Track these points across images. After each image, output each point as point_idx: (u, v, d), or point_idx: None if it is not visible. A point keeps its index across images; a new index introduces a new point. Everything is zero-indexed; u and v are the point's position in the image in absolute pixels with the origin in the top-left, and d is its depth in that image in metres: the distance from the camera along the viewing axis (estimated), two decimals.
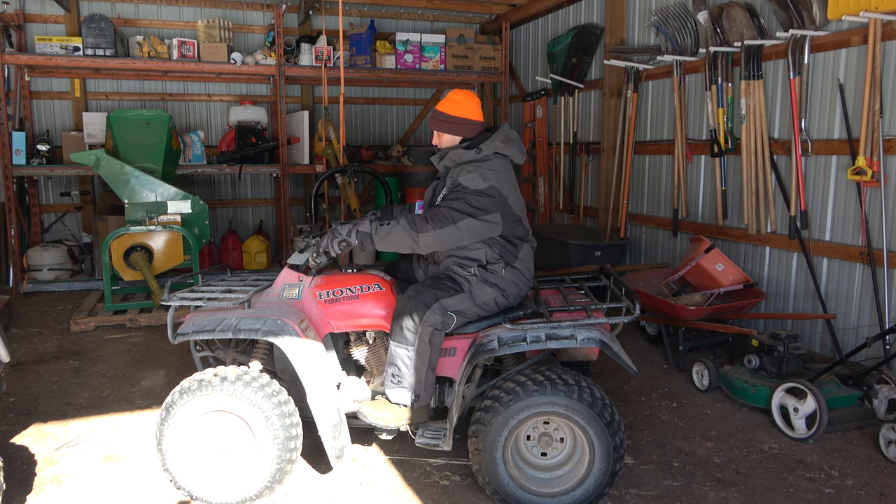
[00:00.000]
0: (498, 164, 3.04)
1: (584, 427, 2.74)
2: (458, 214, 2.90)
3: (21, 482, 3.11)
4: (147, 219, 5.85)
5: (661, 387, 4.34)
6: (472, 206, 2.91)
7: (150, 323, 5.68)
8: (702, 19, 5.14)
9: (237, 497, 2.88)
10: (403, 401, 2.99)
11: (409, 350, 2.92)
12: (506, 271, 3.04)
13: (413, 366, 2.93)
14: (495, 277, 3.02)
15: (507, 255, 3.05)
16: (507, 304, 3.07)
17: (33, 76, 7.54)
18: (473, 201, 2.92)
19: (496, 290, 3.02)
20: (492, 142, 3.05)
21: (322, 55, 7.45)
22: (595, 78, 6.89)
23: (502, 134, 3.10)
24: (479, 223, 2.93)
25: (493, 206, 2.95)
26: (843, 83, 4.26)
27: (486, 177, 2.95)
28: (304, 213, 8.59)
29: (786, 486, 3.12)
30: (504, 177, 3.02)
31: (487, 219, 2.94)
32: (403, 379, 2.96)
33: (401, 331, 2.92)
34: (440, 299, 2.93)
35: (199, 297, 3.08)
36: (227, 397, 2.81)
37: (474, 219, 2.91)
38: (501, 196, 2.98)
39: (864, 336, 3.97)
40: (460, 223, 2.90)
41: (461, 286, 3.00)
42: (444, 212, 2.92)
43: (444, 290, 2.97)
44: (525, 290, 3.13)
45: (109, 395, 4.18)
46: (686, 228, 5.65)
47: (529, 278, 3.15)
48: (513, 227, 3.05)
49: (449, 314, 2.91)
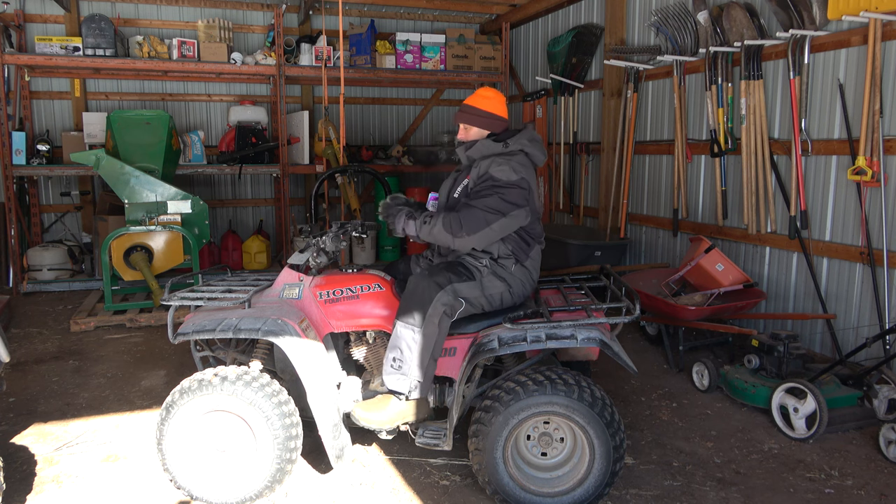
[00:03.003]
0: (524, 159, 3.09)
1: (585, 427, 2.74)
2: (492, 216, 2.92)
3: (21, 482, 3.11)
4: (147, 219, 5.85)
5: (661, 387, 4.34)
6: (504, 202, 2.93)
7: (150, 323, 5.68)
8: (702, 19, 5.14)
9: (237, 497, 2.88)
10: (401, 388, 2.93)
11: (416, 332, 2.87)
12: (515, 268, 3.07)
13: (418, 349, 2.88)
14: (504, 272, 3.05)
15: (518, 253, 3.08)
16: (512, 301, 3.08)
17: (33, 76, 7.54)
18: (506, 195, 2.94)
19: (504, 285, 3.04)
20: (519, 139, 3.11)
21: (322, 55, 7.45)
22: (595, 78, 6.89)
23: (528, 133, 3.15)
24: (509, 220, 2.97)
25: (523, 198, 2.99)
26: (843, 83, 4.26)
27: (517, 169, 2.99)
28: (304, 213, 8.59)
29: (786, 486, 3.12)
30: (531, 172, 3.08)
31: (516, 214, 2.97)
32: (404, 363, 2.90)
33: (409, 310, 2.89)
34: (453, 282, 2.94)
35: (199, 296, 3.08)
36: (228, 397, 2.81)
37: (505, 217, 2.94)
38: (530, 190, 3.03)
39: (864, 336, 3.97)
40: (494, 224, 2.93)
41: (473, 274, 3.02)
42: (476, 214, 2.93)
43: (458, 274, 2.99)
44: (530, 290, 3.16)
45: (109, 395, 4.18)
46: (686, 228, 5.65)
47: (535, 279, 3.18)
48: (533, 224, 3.11)
49: (459, 299, 2.93)
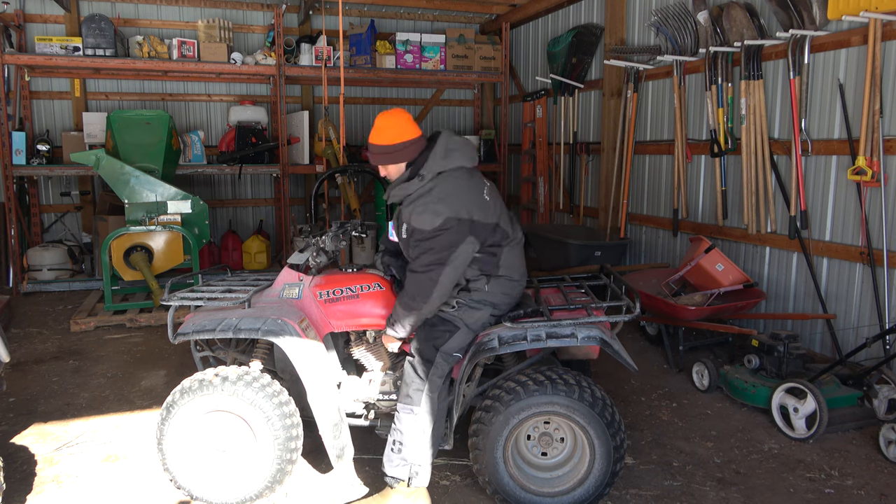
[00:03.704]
0: (445, 186, 2.78)
1: (585, 427, 2.74)
2: (435, 272, 2.74)
3: (21, 482, 3.11)
4: (147, 219, 5.85)
5: (661, 387, 4.34)
6: (438, 252, 2.73)
7: (150, 323, 5.68)
8: (702, 19, 5.14)
9: (237, 497, 2.88)
10: (400, 475, 2.88)
11: (414, 412, 2.82)
12: (489, 284, 2.88)
13: (419, 431, 2.83)
14: (480, 295, 2.87)
15: (487, 267, 2.87)
16: (503, 312, 2.94)
17: (33, 76, 7.54)
18: (437, 244, 2.73)
19: (486, 309, 2.88)
20: (432, 161, 2.80)
21: (322, 55, 7.45)
22: (595, 78, 6.89)
23: (440, 148, 2.82)
24: (455, 263, 2.76)
25: (458, 236, 2.75)
26: (843, 83, 4.26)
27: (438, 210, 2.72)
28: (304, 213, 8.59)
29: (786, 486, 3.12)
30: (458, 195, 2.77)
31: (458, 252, 2.75)
32: (405, 447, 2.85)
33: (407, 391, 2.85)
34: (439, 348, 2.84)
35: (199, 296, 3.08)
36: (229, 397, 2.81)
37: (447, 265, 2.74)
38: (462, 221, 2.75)
39: (864, 336, 3.97)
40: (441, 278, 2.74)
41: (454, 323, 2.86)
42: (419, 279, 2.76)
43: (440, 336, 2.84)
44: (517, 289, 2.99)
45: (109, 395, 4.18)
46: (686, 228, 5.65)
47: (519, 278, 2.99)
48: (488, 236, 2.85)
49: (453, 356, 2.86)
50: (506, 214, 2.99)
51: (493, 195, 2.94)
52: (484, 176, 3.08)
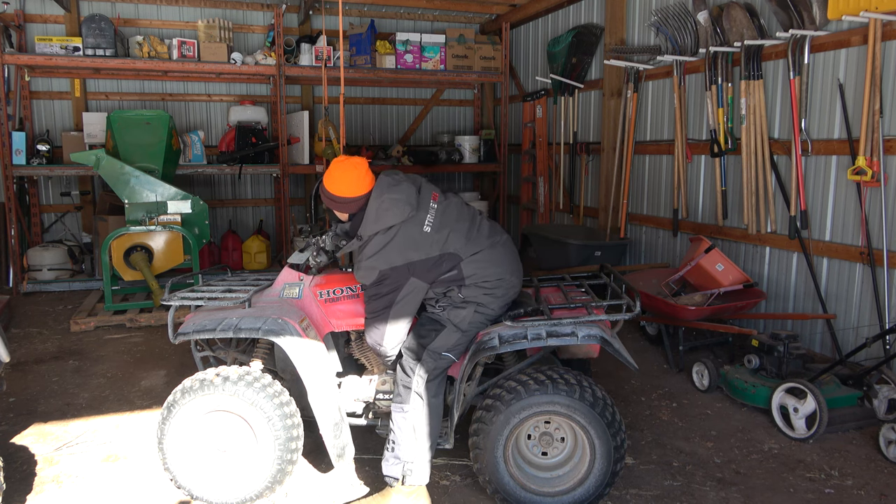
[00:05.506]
0: (378, 241, 2.82)
1: (586, 427, 2.74)
2: (382, 315, 2.85)
3: (21, 482, 3.11)
4: (147, 219, 5.85)
5: (661, 387, 4.34)
6: (380, 298, 2.85)
7: (150, 323, 5.68)
8: (702, 19, 5.14)
9: (238, 497, 2.88)
10: (394, 473, 2.90)
11: (405, 410, 2.86)
12: (463, 292, 2.88)
13: (409, 429, 2.85)
14: (458, 300, 2.90)
15: (453, 282, 2.88)
16: (494, 312, 2.91)
17: (33, 76, 7.54)
18: (378, 293, 2.85)
19: (470, 307, 2.87)
20: (366, 225, 2.84)
21: (322, 55, 7.44)
22: (595, 78, 6.89)
23: (372, 211, 2.82)
24: (403, 302, 2.85)
25: (398, 280, 2.83)
26: (843, 83, 4.26)
27: (372, 266, 2.82)
28: (304, 213, 8.59)
29: (786, 486, 3.12)
30: (391, 247, 2.80)
31: (404, 293, 2.85)
32: (398, 445, 2.89)
33: (398, 391, 2.91)
34: (426, 347, 2.87)
35: (199, 296, 3.08)
36: (229, 397, 2.81)
37: (393, 306, 2.85)
38: (398, 268, 2.81)
39: (864, 336, 3.97)
40: (390, 318, 2.85)
41: (441, 322, 2.89)
42: (371, 324, 2.90)
43: (427, 335, 2.89)
44: (502, 288, 2.91)
45: (109, 395, 4.18)
46: (686, 228, 5.65)
47: (503, 275, 2.90)
48: (433, 268, 2.85)
49: (443, 356, 2.86)
50: (460, 232, 2.88)
51: (441, 218, 2.87)
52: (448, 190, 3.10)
